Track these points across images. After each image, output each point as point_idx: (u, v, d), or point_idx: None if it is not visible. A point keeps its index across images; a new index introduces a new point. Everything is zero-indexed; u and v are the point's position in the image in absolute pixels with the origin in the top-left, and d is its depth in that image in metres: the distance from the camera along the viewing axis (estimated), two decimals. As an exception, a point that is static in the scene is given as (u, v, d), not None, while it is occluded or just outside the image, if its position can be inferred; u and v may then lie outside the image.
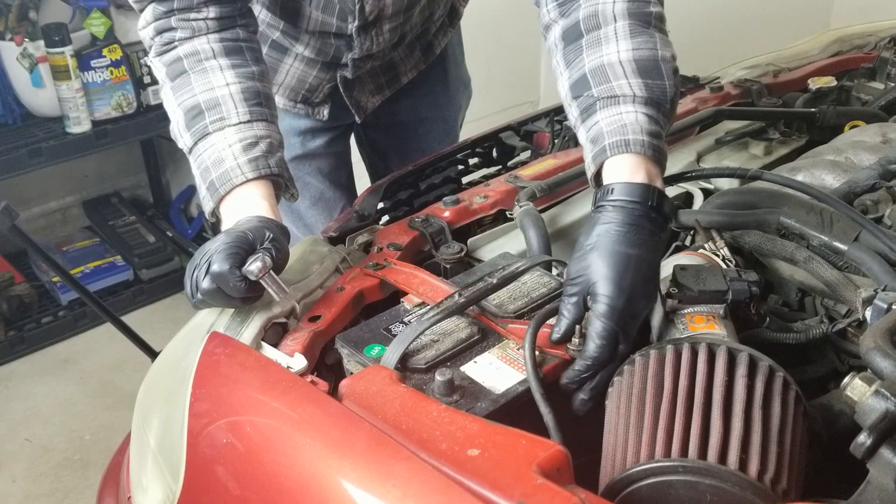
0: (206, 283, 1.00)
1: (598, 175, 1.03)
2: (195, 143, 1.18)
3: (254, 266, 0.99)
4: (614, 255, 0.92)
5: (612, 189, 0.97)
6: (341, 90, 1.59)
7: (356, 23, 1.42)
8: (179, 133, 1.21)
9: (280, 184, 1.19)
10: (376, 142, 1.83)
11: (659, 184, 0.99)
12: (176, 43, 1.22)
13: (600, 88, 1.06)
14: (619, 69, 1.05)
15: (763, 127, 1.58)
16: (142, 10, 1.24)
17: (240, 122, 1.16)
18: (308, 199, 1.70)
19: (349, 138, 1.83)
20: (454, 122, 1.85)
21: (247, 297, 1.01)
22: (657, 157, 1.00)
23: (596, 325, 0.90)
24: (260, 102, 1.19)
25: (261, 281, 1.00)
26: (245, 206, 1.12)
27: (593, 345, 0.89)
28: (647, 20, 1.08)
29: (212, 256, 1.01)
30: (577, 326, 0.93)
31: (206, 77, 1.19)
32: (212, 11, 1.22)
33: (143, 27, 1.25)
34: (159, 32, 1.23)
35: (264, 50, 1.53)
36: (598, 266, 0.92)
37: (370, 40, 1.47)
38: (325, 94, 1.61)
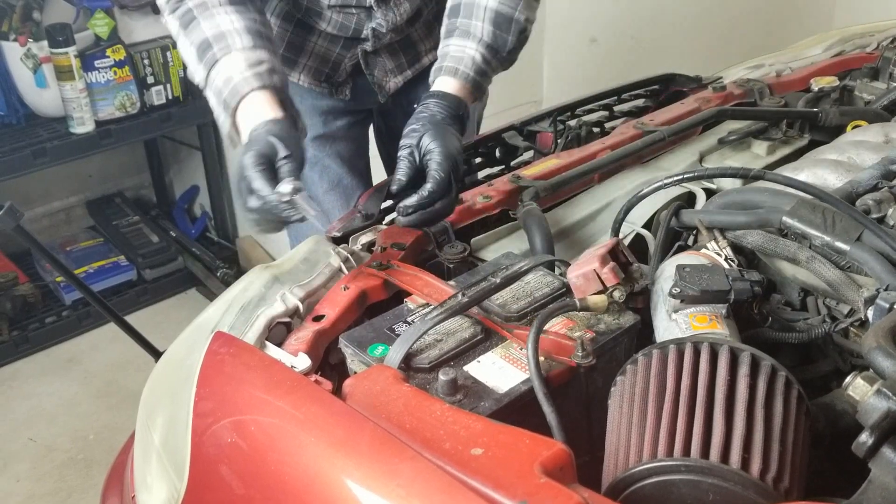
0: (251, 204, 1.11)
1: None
2: (207, 74, 1.30)
3: (283, 188, 1.07)
4: (445, 129, 1.23)
5: (438, 93, 1.30)
6: (363, 67, 1.65)
7: None
8: (195, 70, 1.34)
9: (285, 103, 1.30)
10: (395, 129, 1.85)
11: (468, 104, 1.34)
12: None
13: (462, 21, 1.37)
14: (481, 12, 1.35)
15: (765, 127, 1.58)
16: None
17: (244, 48, 1.29)
18: (326, 184, 1.73)
19: (368, 128, 1.88)
20: (471, 113, 1.88)
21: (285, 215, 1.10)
22: (475, 87, 1.35)
23: (438, 169, 1.17)
24: (262, 37, 1.33)
25: (295, 199, 1.06)
26: (255, 110, 1.23)
27: (433, 182, 1.17)
28: None
29: (246, 179, 1.11)
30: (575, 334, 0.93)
31: (213, 20, 1.32)
32: None
33: None
34: None
35: (290, 29, 1.63)
36: (435, 134, 1.20)
37: (391, 11, 1.57)
38: (347, 72, 1.67)
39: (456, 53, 1.35)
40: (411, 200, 1.17)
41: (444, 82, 1.33)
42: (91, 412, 2.59)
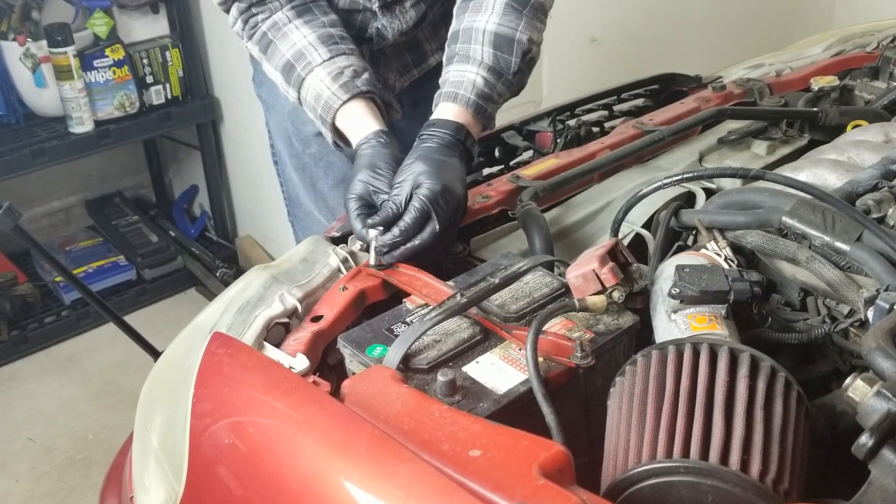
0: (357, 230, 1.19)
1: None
2: (299, 93, 1.40)
3: (370, 235, 1.15)
4: (433, 160, 1.19)
5: (434, 123, 1.27)
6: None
7: (377, 2, 1.54)
8: (286, 91, 1.44)
9: (374, 100, 1.38)
10: (401, 129, 1.86)
11: (473, 130, 1.29)
12: (260, 24, 1.45)
13: (461, 46, 1.34)
14: (480, 36, 1.32)
15: (765, 126, 1.58)
16: (227, 11, 1.48)
17: (323, 61, 1.38)
18: (332, 180, 1.74)
19: None
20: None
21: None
22: (478, 112, 1.30)
23: (415, 202, 1.14)
24: (336, 42, 1.41)
25: (372, 243, 1.14)
26: (354, 122, 1.34)
27: (409, 217, 1.13)
28: (524, 5, 1.33)
29: (350, 222, 1.20)
30: (581, 339, 0.93)
31: (287, 39, 1.41)
32: None
33: (233, 24, 1.48)
34: (245, 22, 1.46)
35: None
36: (420, 167, 1.17)
37: (397, 19, 1.59)
38: None
39: (455, 78, 1.32)
40: (385, 238, 1.14)
41: (444, 108, 1.30)
42: (90, 412, 2.59)
